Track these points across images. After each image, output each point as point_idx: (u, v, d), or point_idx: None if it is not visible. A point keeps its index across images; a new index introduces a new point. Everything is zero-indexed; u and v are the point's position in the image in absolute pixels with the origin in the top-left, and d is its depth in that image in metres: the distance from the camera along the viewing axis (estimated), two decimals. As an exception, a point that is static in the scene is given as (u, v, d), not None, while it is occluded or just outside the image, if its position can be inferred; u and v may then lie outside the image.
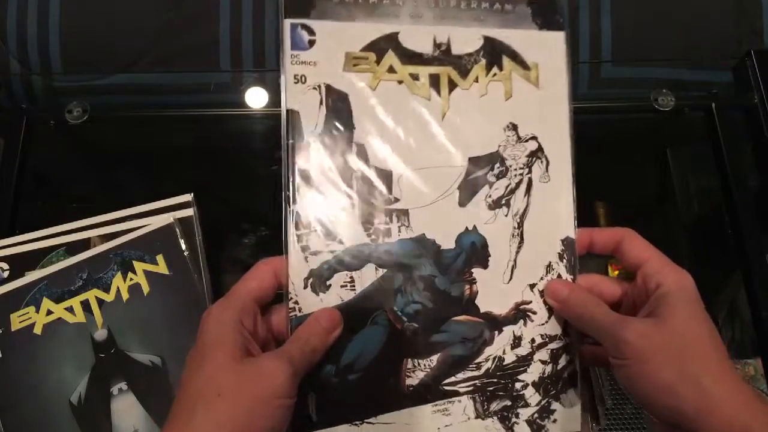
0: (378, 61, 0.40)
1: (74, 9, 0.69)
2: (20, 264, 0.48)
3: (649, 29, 0.70)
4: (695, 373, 0.33)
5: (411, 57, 0.40)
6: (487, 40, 0.41)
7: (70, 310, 0.46)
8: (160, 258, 0.47)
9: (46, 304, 0.46)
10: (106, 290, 0.46)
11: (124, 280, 0.47)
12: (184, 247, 0.48)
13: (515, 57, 0.41)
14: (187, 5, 0.70)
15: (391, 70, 0.40)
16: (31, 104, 0.68)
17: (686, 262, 0.58)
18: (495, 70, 0.40)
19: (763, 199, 0.57)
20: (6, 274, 0.48)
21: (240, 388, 0.32)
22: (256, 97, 0.61)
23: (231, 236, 0.56)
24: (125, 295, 0.46)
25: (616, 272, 0.57)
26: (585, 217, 0.60)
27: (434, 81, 0.40)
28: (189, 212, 0.49)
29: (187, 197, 0.50)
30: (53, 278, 0.47)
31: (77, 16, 0.69)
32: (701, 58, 0.68)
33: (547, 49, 0.42)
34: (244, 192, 0.59)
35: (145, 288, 0.46)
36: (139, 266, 0.47)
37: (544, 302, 0.41)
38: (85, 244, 0.49)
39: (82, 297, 0.46)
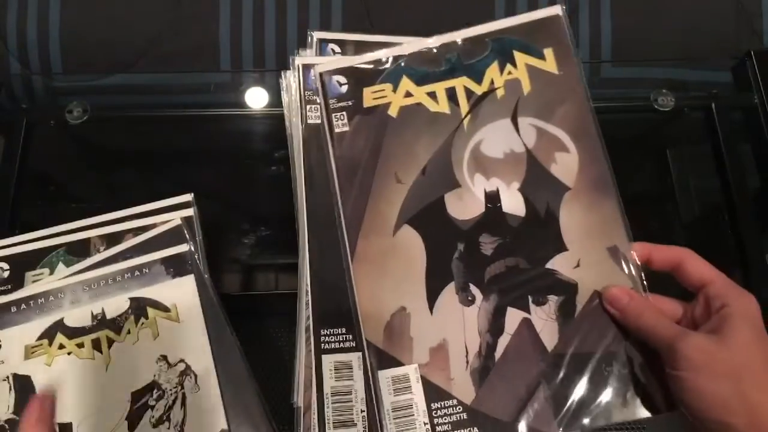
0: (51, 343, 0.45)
1: (74, 9, 0.69)
2: (20, 264, 0.48)
3: (649, 29, 0.70)
4: (751, 391, 0.34)
5: (74, 330, 0.45)
6: (133, 299, 0.46)
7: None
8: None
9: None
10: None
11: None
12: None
13: (157, 305, 0.46)
14: (187, 5, 0.70)
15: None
16: (31, 104, 0.68)
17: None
18: (143, 319, 0.46)
19: (763, 199, 0.57)
20: (6, 274, 0.48)
21: None
22: (256, 97, 0.61)
23: (231, 236, 0.56)
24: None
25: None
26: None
27: (96, 344, 0.45)
28: (189, 212, 0.49)
29: (187, 197, 0.50)
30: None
31: (77, 16, 0.69)
32: (701, 58, 0.68)
33: (181, 291, 0.46)
34: (244, 192, 0.59)
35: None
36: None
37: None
38: (85, 244, 0.49)
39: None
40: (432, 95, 0.46)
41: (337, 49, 0.53)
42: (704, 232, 0.58)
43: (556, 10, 0.46)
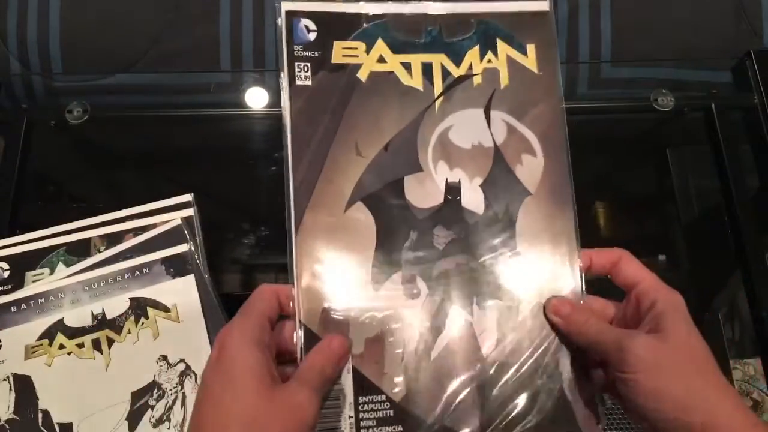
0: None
1: (74, 9, 0.69)
2: (20, 264, 0.48)
3: (649, 29, 0.70)
4: (702, 386, 0.34)
5: (74, 330, 0.46)
6: (133, 300, 0.47)
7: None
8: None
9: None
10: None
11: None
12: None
13: (157, 305, 0.46)
14: (187, 5, 0.70)
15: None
16: (31, 104, 0.68)
17: (686, 262, 0.58)
18: (143, 319, 0.46)
19: (763, 199, 0.57)
20: (6, 274, 0.48)
21: (274, 418, 0.32)
22: (256, 97, 0.61)
23: (231, 236, 0.56)
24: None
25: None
26: (585, 217, 0.60)
27: (96, 344, 0.46)
28: (189, 212, 0.49)
29: (188, 197, 0.50)
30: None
31: (77, 16, 0.69)
32: (701, 58, 0.68)
33: (181, 291, 0.47)
34: (244, 192, 0.59)
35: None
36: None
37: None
38: (85, 244, 0.49)
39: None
40: (407, 66, 0.43)
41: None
42: (704, 232, 0.58)
43: (545, 5, 0.44)
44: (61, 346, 0.45)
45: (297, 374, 0.35)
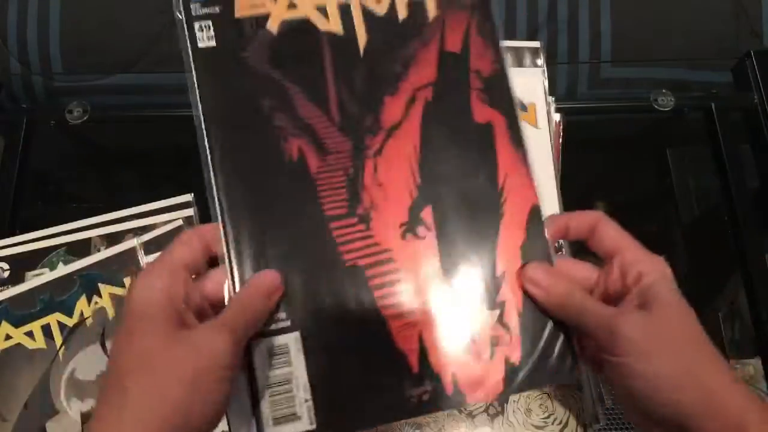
0: None
1: (74, 9, 0.69)
2: (20, 264, 0.48)
3: (648, 29, 0.70)
4: (696, 363, 0.32)
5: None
6: None
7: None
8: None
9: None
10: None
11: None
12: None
13: None
14: (187, 5, 0.70)
15: None
16: (32, 104, 0.68)
17: (686, 262, 0.58)
18: None
19: (763, 199, 0.57)
20: (6, 274, 0.48)
21: (175, 362, 0.30)
22: (256, 97, 0.60)
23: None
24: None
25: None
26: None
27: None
28: (189, 212, 0.49)
29: (187, 197, 0.50)
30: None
31: (77, 16, 0.69)
32: (701, 58, 0.68)
33: None
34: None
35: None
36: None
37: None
38: (86, 244, 0.49)
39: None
40: (29, 334, 0.46)
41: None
42: (704, 232, 0.59)
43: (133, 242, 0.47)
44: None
45: (216, 317, 0.32)
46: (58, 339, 0.45)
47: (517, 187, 0.36)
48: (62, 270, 0.47)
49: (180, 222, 0.48)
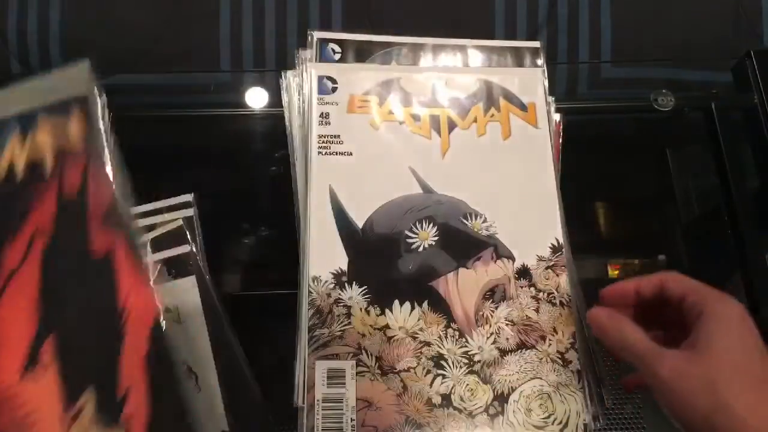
0: None
1: (74, 9, 0.69)
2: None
3: (649, 29, 0.70)
4: (729, 402, 0.33)
5: None
6: None
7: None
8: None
9: None
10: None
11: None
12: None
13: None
14: (187, 5, 0.70)
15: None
16: (31, 104, 0.67)
17: (686, 262, 0.58)
18: None
19: (763, 199, 0.57)
20: (6, 274, 0.48)
21: None
22: (256, 97, 0.61)
23: (231, 236, 0.56)
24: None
25: (616, 271, 0.57)
26: (585, 217, 0.60)
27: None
28: (189, 212, 0.49)
29: (188, 197, 0.50)
30: None
31: (77, 16, 0.69)
32: (701, 58, 0.68)
33: (182, 292, 0.46)
34: (244, 192, 0.59)
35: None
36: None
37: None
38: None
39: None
40: None
41: (338, 48, 0.53)
42: (704, 232, 0.58)
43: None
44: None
45: None
46: None
47: (139, 303, 0.37)
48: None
49: (180, 222, 0.48)
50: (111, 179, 0.39)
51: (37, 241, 0.36)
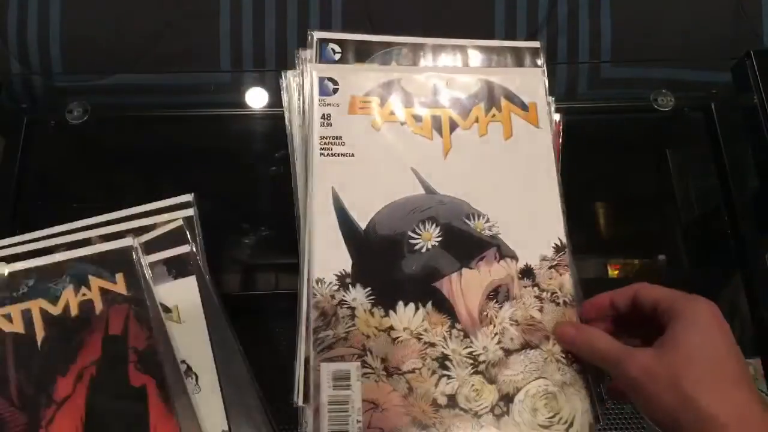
0: None
1: (74, 9, 0.69)
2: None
3: (649, 29, 0.70)
4: (695, 397, 0.34)
5: None
6: None
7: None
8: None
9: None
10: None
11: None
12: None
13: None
14: (187, 5, 0.70)
15: None
16: (32, 104, 0.68)
17: (686, 262, 0.58)
18: None
19: (762, 199, 0.57)
20: (7, 273, 0.48)
21: None
22: (256, 97, 0.61)
23: (231, 236, 0.56)
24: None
25: (616, 271, 0.57)
26: (584, 217, 0.60)
27: None
28: (189, 212, 0.49)
29: (188, 197, 0.50)
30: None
31: (77, 16, 0.69)
32: (701, 58, 0.68)
33: (182, 292, 0.47)
34: (244, 192, 0.59)
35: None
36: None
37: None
38: (86, 244, 0.48)
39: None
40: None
41: (338, 48, 0.53)
42: (704, 232, 0.58)
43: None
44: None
45: None
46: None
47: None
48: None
49: (180, 222, 0.48)
50: (150, 325, 0.45)
51: (84, 376, 0.43)
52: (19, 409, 0.42)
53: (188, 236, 0.48)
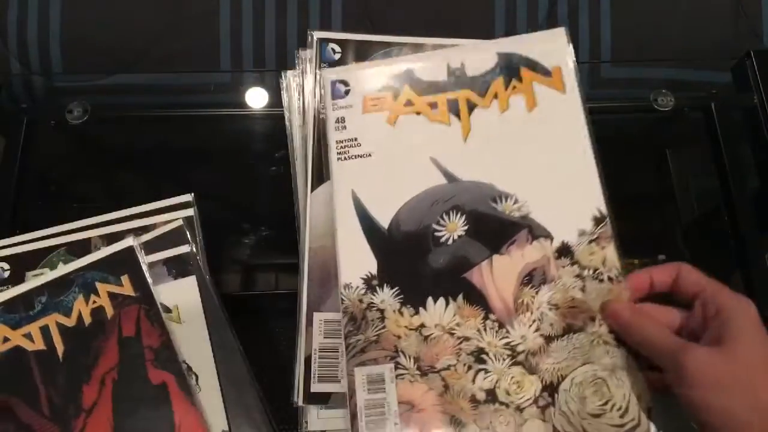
0: None
1: (74, 9, 0.69)
2: (20, 264, 0.48)
3: (649, 29, 0.70)
4: (764, 397, 0.33)
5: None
6: None
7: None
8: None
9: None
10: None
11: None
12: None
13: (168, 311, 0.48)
14: (187, 5, 0.70)
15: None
16: (31, 104, 0.68)
17: (686, 262, 0.58)
18: None
19: (763, 199, 0.57)
20: (6, 274, 0.48)
21: None
22: (256, 97, 0.61)
23: (231, 236, 0.56)
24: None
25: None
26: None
27: None
28: (189, 212, 0.49)
29: (187, 197, 0.50)
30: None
31: (77, 16, 0.69)
32: (701, 58, 0.68)
33: (182, 292, 0.47)
34: (244, 192, 0.59)
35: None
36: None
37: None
38: (86, 244, 0.49)
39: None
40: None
41: (338, 48, 0.53)
42: (704, 232, 0.58)
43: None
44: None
45: None
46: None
47: (191, 428, 0.43)
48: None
49: (180, 222, 0.48)
50: (161, 321, 0.46)
51: (107, 381, 0.44)
52: (51, 420, 0.43)
53: (188, 236, 0.48)
